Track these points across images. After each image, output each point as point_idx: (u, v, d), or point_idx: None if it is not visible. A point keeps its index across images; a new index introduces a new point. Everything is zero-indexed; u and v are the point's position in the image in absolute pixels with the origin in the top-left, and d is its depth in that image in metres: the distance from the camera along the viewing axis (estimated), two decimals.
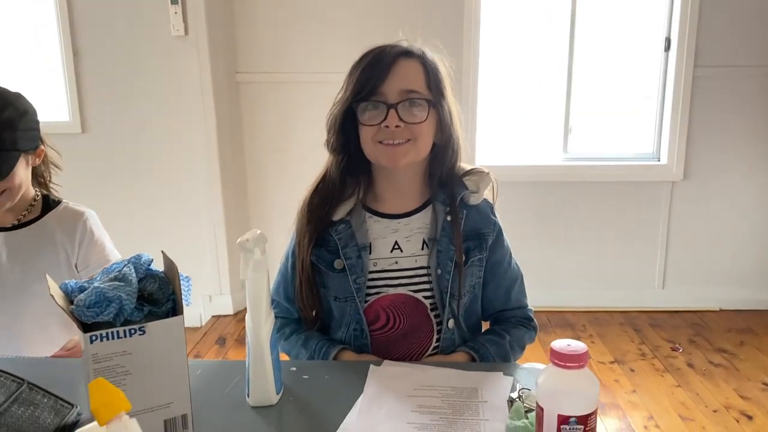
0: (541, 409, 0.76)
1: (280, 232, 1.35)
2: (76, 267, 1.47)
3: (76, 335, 1.45)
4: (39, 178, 1.51)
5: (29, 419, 0.91)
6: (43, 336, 1.46)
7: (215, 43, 3.15)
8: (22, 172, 1.40)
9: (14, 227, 1.45)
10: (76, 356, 1.33)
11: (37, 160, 1.45)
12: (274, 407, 1.00)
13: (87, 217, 1.50)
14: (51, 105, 3.18)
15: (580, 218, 3.42)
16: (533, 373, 1.10)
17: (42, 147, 1.45)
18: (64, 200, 1.52)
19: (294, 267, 1.27)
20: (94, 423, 0.56)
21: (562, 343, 0.75)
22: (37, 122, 1.43)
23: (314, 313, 1.26)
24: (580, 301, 3.47)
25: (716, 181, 3.36)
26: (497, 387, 1.04)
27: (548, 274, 3.44)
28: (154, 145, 3.23)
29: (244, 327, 2.86)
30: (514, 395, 0.98)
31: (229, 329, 3.27)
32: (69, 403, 0.97)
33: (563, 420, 0.74)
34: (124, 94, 3.18)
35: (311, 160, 1.32)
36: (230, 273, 3.39)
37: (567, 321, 3.34)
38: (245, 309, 3.29)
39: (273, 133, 3.38)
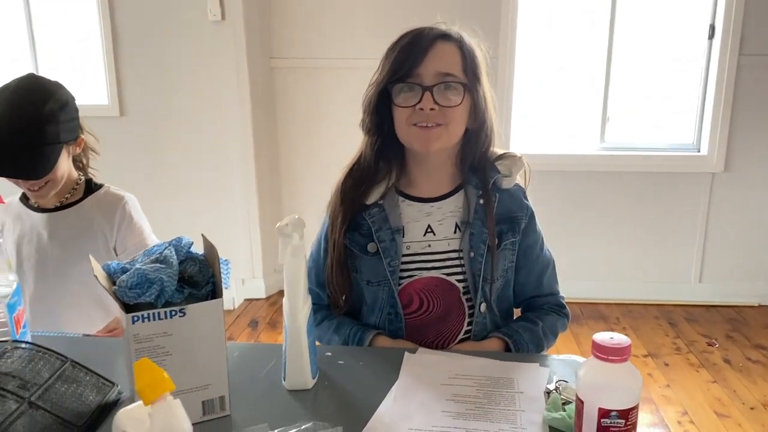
0: (581, 402, 0.75)
1: (312, 218, 1.36)
2: (114, 250, 1.49)
3: (116, 316, 1.47)
4: (78, 163, 1.54)
5: (72, 396, 0.93)
6: (81, 317, 1.49)
7: (251, 28, 3.16)
8: (64, 163, 1.43)
9: (56, 209, 1.48)
10: (118, 336, 1.36)
11: (78, 149, 1.48)
12: (310, 391, 1.01)
13: (126, 201, 1.52)
14: (90, 88, 3.23)
15: (616, 209, 3.37)
16: (570, 365, 1.09)
17: (82, 136, 1.47)
18: (105, 184, 1.54)
19: (326, 251, 1.27)
20: (139, 402, 0.57)
21: (604, 336, 0.74)
22: (77, 111, 1.45)
23: (344, 298, 1.27)
24: (613, 293, 3.42)
25: (758, 172, 3.27)
26: (533, 378, 1.03)
27: (582, 264, 3.40)
28: (191, 129, 3.27)
29: (276, 311, 2.88)
30: (551, 387, 0.97)
31: (261, 312, 3.31)
32: (110, 381, 1.00)
33: (604, 414, 0.73)
34: (162, 78, 3.21)
35: (344, 145, 1.33)
36: (263, 257, 3.42)
37: (600, 313, 3.30)
38: (277, 293, 3.33)
39: (306, 118, 3.39)
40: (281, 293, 3.84)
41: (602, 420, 0.73)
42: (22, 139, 1.33)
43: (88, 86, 3.23)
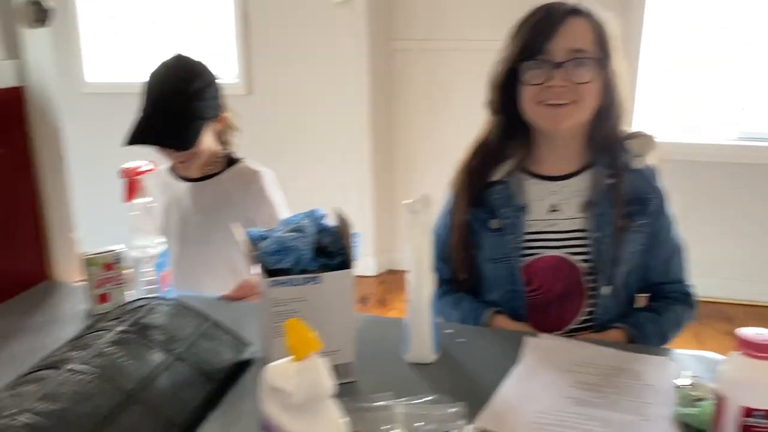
0: (723, 399, 0.72)
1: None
2: (249, 222, 1.57)
3: (243, 279, 1.56)
4: (220, 138, 1.63)
5: (212, 353, 1.00)
6: (215, 282, 1.58)
7: (373, 9, 3.20)
8: (207, 138, 1.53)
9: (198, 179, 1.59)
10: (243, 297, 1.43)
11: (220, 126, 1.57)
12: (430, 366, 1.03)
13: (261, 176, 1.60)
14: (221, 67, 3.41)
15: (752, 204, 3.13)
16: (701, 360, 1.04)
17: (224, 114, 1.57)
18: (244, 159, 1.63)
19: (449, 227, 1.29)
20: (286, 359, 0.61)
21: (750, 332, 0.71)
22: (219, 90, 1.55)
23: (465, 274, 1.28)
24: (740, 293, 3.20)
25: None
26: (662, 372, 0.99)
27: (708, 261, 3.18)
28: (312, 108, 3.37)
29: (385, 289, 2.93)
30: (683, 382, 0.93)
31: (370, 290, 3.37)
32: (245, 341, 1.06)
33: (747, 412, 0.69)
34: (287, 58, 3.34)
35: (462, 127, 1.33)
36: (375, 235, 3.48)
37: (724, 313, 3.10)
38: (387, 272, 3.37)
39: (424, 100, 3.40)
40: (390, 272, 3.88)
41: (745, 419, 0.70)
42: (171, 114, 1.45)
43: (219, 64, 3.40)
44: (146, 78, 1.49)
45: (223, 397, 0.95)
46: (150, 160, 1.25)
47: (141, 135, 1.44)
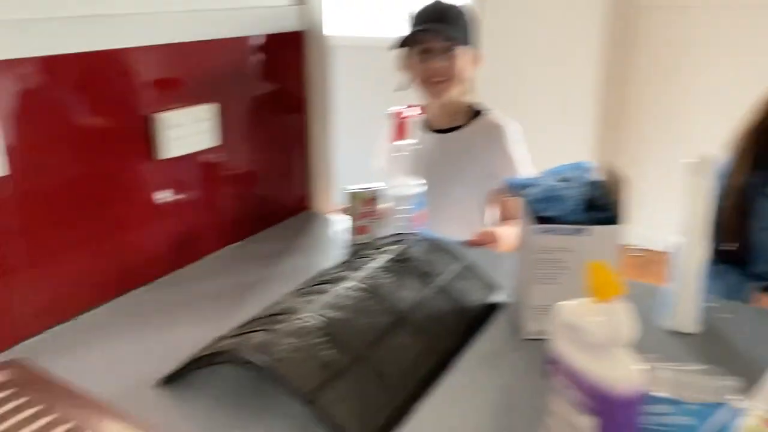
0: None
1: (653, 164, 1.27)
2: (490, 176, 1.58)
3: (482, 230, 1.59)
4: (468, 87, 1.65)
5: (465, 291, 1.04)
6: (451, 228, 1.62)
7: None
8: (463, 65, 1.56)
9: (445, 131, 1.64)
10: (484, 244, 1.45)
11: (476, 65, 1.60)
12: (692, 336, 0.97)
13: (504, 130, 1.59)
14: None
15: None
16: None
17: (479, 54, 1.60)
18: (490, 111, 1.64)
19: (723, 191, 1.19)
20: (583, 300, 0.61)
21: None
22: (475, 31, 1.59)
23: (735, 243, 1.20)
24: None
25: None
26: None
27: None
28: (544, 67, 3.28)
29: None
30: None
31: None
32: (495, 284, 1.09)
33: None
34: (522, 14, 3.27)
35: (700, 92, 1.20)
36: None
37: None
38: None
39: (668, 61, 3.14)
40: None
41: None
42: (438, 18, 1.54)
43: None
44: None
45: (473, 335, 0.98)
46: (411, 104, 1.29)
47: (411, 36, 1.53)
